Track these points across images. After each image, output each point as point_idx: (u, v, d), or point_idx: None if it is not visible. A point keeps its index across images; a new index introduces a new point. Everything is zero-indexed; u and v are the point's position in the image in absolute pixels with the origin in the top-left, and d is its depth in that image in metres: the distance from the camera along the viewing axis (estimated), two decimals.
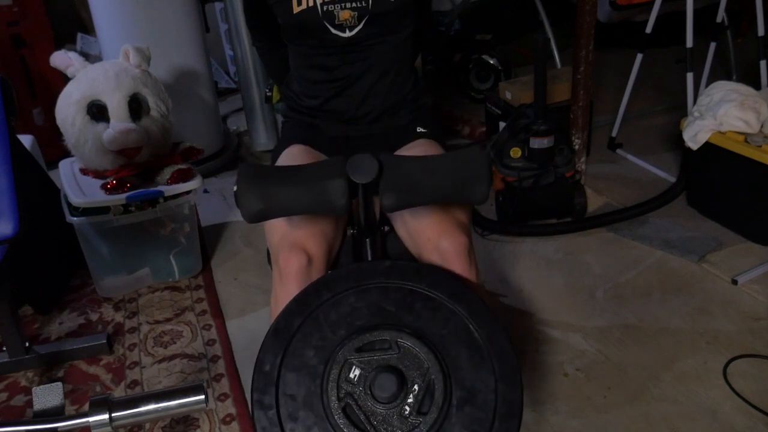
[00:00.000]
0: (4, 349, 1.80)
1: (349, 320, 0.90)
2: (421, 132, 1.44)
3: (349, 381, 0.87)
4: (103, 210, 1.95)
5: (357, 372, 0.87)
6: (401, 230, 1.26)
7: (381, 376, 0.85)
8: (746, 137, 2.05)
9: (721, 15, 2.69)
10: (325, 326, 0.90)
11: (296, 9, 1.33)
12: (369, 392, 0.86)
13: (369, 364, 0.87)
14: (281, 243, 1.19)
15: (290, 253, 1.17)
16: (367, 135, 1.45)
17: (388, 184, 0.95)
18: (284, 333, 0.90)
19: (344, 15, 1.33)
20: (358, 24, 1.34)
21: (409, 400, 0.86)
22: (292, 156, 1.39)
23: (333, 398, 0.86)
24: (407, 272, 0.92)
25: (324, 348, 0.89)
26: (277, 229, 1.21)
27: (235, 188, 0.99)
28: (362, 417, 0.85)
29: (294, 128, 1.50)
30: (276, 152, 1.47)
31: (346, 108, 1.43)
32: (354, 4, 1.32)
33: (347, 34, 1.35)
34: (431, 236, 1.18)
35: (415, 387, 0.86)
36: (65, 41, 3.32)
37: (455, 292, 0.91)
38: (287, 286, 1.18)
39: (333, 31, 1.34)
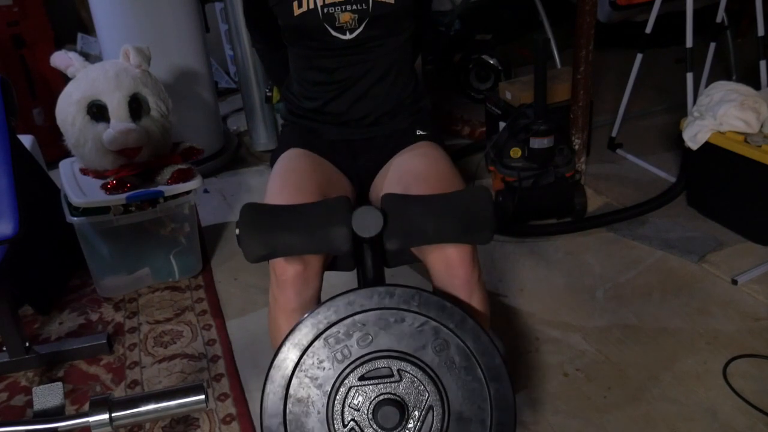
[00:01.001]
0: (4, 349, 1.80)
1: (352, 348, 0.93)
2: (421, 135, 1.44)
3: (353, 407, 0.91)
4: (103, 210, 1.95)
5: (360, 399, 0.92)
6: None
7: (383, 408, 0.90)
8: (746, 137, 2.05)
9: (721, 15, 2.69)
10: (328, 354, 0.93)
11: (297, 11, 1.33)
12: (372, 419, 0.90)
13: (372, 391, 0.91)
14: None
15: (286, 260, 1.17)
16: (367, 138, 1.45)
17: (392, 231, 1.00)
18: (289, 360, 0.93)
19: (345, 17, 1.32)
20: (359, 26, 1.34)
21: (410, 426, 0.91)
22: (291, 160, 1.39)
23: (339, 425, 0.91)
24: (406, 298, 0.95)
25: (328, 376, 0.93)
26: None
27: (237, 231, 1.02)
28: None
29: (293, 131, 1.49)
30: (275, 155, 1.47)
31: (345, 110, 1.42)
32: (354, 7, 1.32)
33: (347, 36, 1.34)
34: None
35: (416, 413, 0.91)
36: (65, 41, 3.32)
37: (453, 318, 0.94)
38: (285, 292, 1.18)
39: (333, 33, 1.34)
